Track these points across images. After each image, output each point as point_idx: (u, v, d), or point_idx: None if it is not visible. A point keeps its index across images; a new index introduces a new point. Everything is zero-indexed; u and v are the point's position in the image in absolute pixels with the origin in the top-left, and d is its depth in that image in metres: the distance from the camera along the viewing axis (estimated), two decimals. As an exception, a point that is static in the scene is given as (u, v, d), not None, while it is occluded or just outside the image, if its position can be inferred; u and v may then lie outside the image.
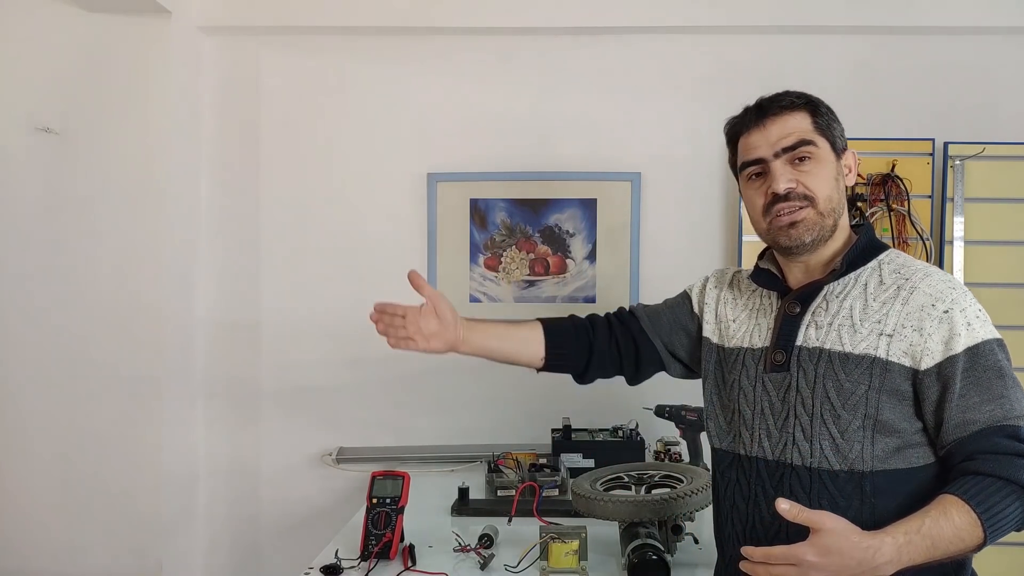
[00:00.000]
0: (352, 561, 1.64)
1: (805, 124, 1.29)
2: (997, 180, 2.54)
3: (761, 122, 1.29)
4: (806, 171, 1.26)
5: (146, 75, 2.48)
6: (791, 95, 1.32)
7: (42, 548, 2.52)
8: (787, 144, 1.27)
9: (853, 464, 1.20)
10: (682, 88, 2.65)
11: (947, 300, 1.18)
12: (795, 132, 1.27)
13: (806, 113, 1.30)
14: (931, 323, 1.17)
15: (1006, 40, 2.60)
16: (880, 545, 1.05)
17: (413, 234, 2.70)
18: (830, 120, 1.32)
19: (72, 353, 2.51)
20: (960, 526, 1.08)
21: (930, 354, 1.17)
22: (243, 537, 2.73)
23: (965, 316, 1.17)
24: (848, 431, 1.20)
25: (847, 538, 1.04)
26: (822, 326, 1.25)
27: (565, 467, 2.25)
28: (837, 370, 1.21)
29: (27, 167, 2.51)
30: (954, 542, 1.08)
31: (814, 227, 1.26)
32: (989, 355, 1.16)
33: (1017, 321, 2.53)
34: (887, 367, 1.18)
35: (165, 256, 2.51)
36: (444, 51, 2.68)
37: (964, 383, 1.15)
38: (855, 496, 1.19)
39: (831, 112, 1.34)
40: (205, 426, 2.73)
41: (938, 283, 1.20)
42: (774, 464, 1.27)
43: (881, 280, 1.24)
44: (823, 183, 1.26)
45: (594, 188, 2.66)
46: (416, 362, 2.72)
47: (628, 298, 2.66)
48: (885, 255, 1.29)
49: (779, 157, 1.27)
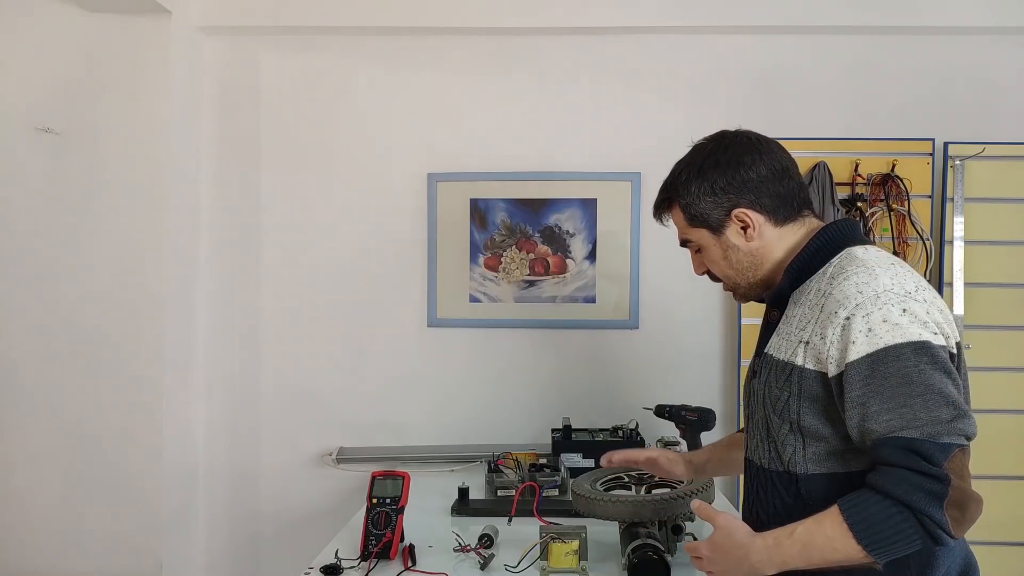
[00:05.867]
0: (352, 561, 1.64)
1: (680, 219, 1.38)
2: (997, 180, 2.54)
3: (664, 224, 1.44)
4: (701, 259, 1.40)
5: (146, 75, 2.48)
6: (661, 193, 1.39)
7: (43, 547, 2.52)
8: (680, 241, 1.41)
9: (788, 466, 1.23)
10: (682, 88, 2.66)
11: (850, 306, 1.14)
12: (679, 229, 1.39)
13: (677, 208, 1.37)
14: (833, 330, 1.15)
15: (1006, 40, 2.60)
16: (752, 545, 1.16)
17: (413, 234, 2.70)
18: (697, 204, 1.32)
19: (72, 353, 2.51)
20: (832, 536, 1.09)
21: (832, 361, 1.15)
22: (243, 537, 2.74)
23: (867, 322, 1.12)
24: (780, 435, 1.23)
25: (730, 536, 1.18)
26: (780, 333, 1.28)
27: (565, 467, 2.25)
28: (772, 377, 1.24)
29: (27, 167, 2.51)
30: (828, 551, 1.10)
31: (743, 289, 1.37)
32: (893, 361, 1.10)
33: (1017, 321, 2.53)
34: (803, 374, 1.19)
35: (165, 256, 2.51)
36: (444, 51, 2.68)
37: (864, 391, 1.11)
38: (797, 497, 1.22)
39: (700, 183, 1.31)
40: (205, 426, 2.73)
41: (849, 287, 1.15)
42: (751, 465, 1.34)
43: (820, 286, 1.22)
44: (715, 266, 1.37)
45: (594, 188, 2.67)
46: (416, 362, 2.72)
47: (628, 298, 2.67)
48: (837, 256, 1.25)
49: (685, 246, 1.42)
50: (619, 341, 2.69)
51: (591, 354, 2.69)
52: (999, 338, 2.52)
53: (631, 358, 2.68)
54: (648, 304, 2.68)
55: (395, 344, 2.71)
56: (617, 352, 2.69)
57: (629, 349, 2.68)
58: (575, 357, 2.70)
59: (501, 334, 2.70)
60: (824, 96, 2.63)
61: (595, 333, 2.69)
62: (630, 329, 2.68)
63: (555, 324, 2.69)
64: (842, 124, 2.61)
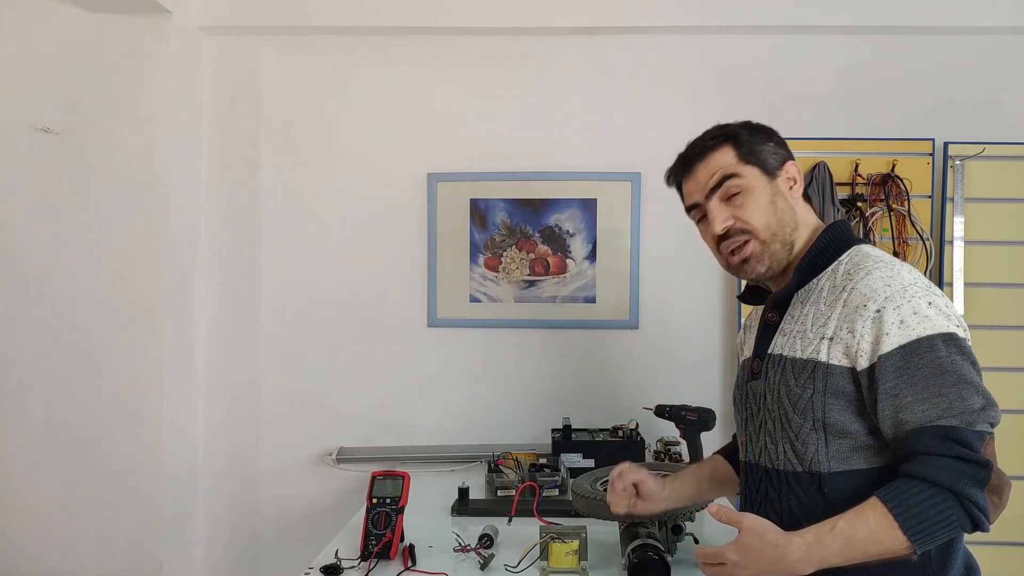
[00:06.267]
0: (352, 561, 1.64)
1: (729, 158, 1.30)
2: (997, 180, 2.54)
3: (689, 169, 1.34)
4: (739, 205, 1.29)
5: (146, 75, 2.48)
6: (709, 133, 1.34)
7: (42, 547, 2.52)
8: (713, 184, 1.30)
9: (811, 465, 1.22)
10: (682, 88, 2.66)
11: (880, 299, 1.15)
12: (719, 169, 1.30)
13: (728, 147, 1.31)
14: (863, 323, 1.16)
15: (1006, 40, 2.60)
16: (788, 544, 1.11)
17: (413, 234, 2.70)
18: (755, 144, 1.31)
19: (72, 353, 2.51)
20: (876, 528, 1.09)
21: (863, 354, 1.16)
22: (243, 537, 2.74)
23: (898, 314, 1.14)
24: (802, 433, 1.22)
25: (761, 537, 1.12)
26: (787, 333, 1.27)
27: (565, 467, 2.25)
28: (789, 376, 1.23)
29: (27, 167, 2.51)
30: (871, 544, 1.09)
31: (762, 256, 1.29)
32: (926, 352, 1.12)
33: (1017, 321, 2.53)
34: (828, 370, 1.19)
35: (165, 256, 2.51)
36: (444, 51, 2.68)
37: (897, 382, 1.13)
38: (818, 497, 1.21)
39: (757, 132, 1.33)
40: (205, 426, 2.73)
41: (875, 281, 1.18)
42: (755, 468, 1.32)
43: (834, 283, 1.24)
44: (757, 212, 1.28)
45: (594, 188, 2.67)
46: (416, 362, 2.72)
47: (628, 298, 2.66)
48: (847, 254, 1.27)
49: (710, 198, 1.31)
50: (619, 341, 2.69)
51: (591, 354, 2.69)
52: (999, 338, 2.52)
53: (631, 358, 2.68)
54: (648, 304, 2.68)
55: (395, 344, 2.71)
56: (617, 352, 2.69)
57: (629, 349, 2.68)
58: (575, 357, 2.70)
59: (501, 334, 2.70)
60: (824, 96, 2.63)
61: (595, 333, 2.69)
62: (630, 329, 2.68)
63: (555, 324, 2.69)
64: (842, 124, 2.61)
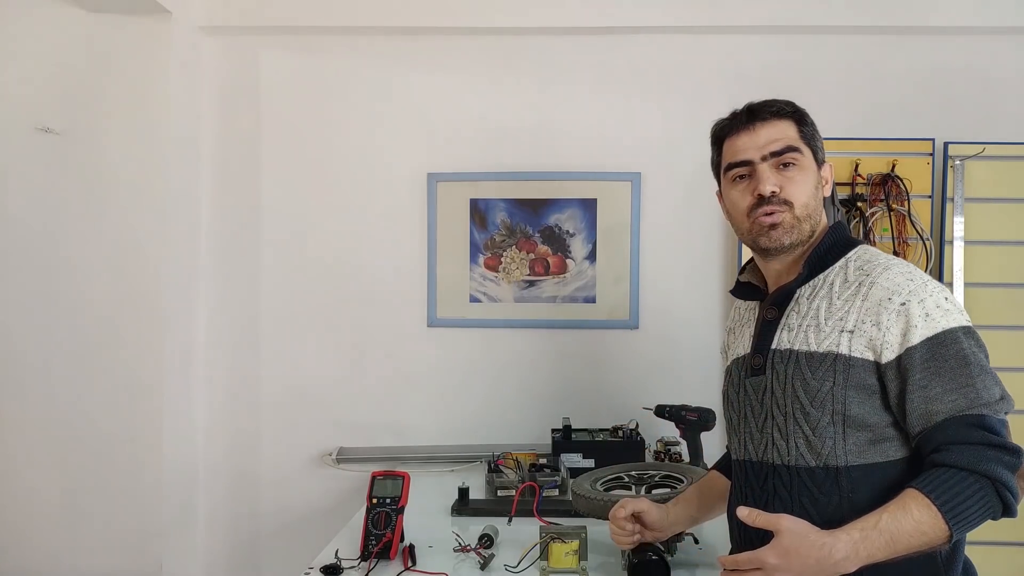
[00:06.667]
0: (352, 561, 1.64)
1: (792, 132, 1.32)
2: (997, 180, 2.54)
3: (751, 126, 1.33)
4: (789, 177, 1.30)
5: (146, 75, 2.48)
6: (780, 103, 1.35)
7: (42, 548, 2.52)
8: (775, 149, 1.30)
9: (827, 460, 1.22)
10: (682, 88, 2.66)
11: (904, 292, 1.19)
12: (783, 138, 1.31)
13: (792, 122, 1.33)
14: (888, 316, 1.18)
15: (1006, 40, 2.60)
16: (835, 542, 1.10)
17: (413, 234, 2.70)
18: (814, 131, 1.36)
19: (72, 353, 2.51)
20: (920, 520, 1.09)
21: (889, 347, 1.18)
22: (243, 537, 2.74)
23: (923, 307, 1.17)
24: (819, 427, 1.22)
25: (804, 538, 1.11)
26: (793, 328, 1.28)
27: (565, 467, 2.25)
28: (804, 369, 1.24)
29: (28, 167, 2.50)
30: (915, 536, 1.10)
31: (792, 230, 1.30)
32: (951, 344, 1.16)
33: (1017, 321, 2.53)
34: (850, 362, 1.20)
35: (165, 256, 2.51)
36: (444, 51, 2.68)
37: (925, 374, 1.15)
38: (833, 491, 1.21)
39: (815, 125, 1.37)
40: (205, 426, 2.73)
41: (896, 276, 1.22)
42: (759, 466, 1.31)
43: (846, 278, 1.27)
44: (803, 190, 1.30)
45: (594, 188, 2.67)
46: (416, 362, 2.72)
47: (628, 298, 2.67)
48: (854, 252, 1.31)
49: (766, 160, 1.31)
50: (619, 341, 2.69)
51: (591, 354, 2.69)
52: (999, 338, 2.52)
53: (631, 358, 2.68)
54: (648, 304, 2.68)
55: (395, 344, 2.71)
56: (617, 352, 2.69)
57: (629, 349, 2.68)
58: (575, 357, 2.70)
59: (501, 334, 2.70)
60: (824, 96, 2.63)
61: (595, 333, 2.69)
62: (630, 329, 2.68)
63: (555, 324, 2.69)
64: (842, 124, 2.60)
